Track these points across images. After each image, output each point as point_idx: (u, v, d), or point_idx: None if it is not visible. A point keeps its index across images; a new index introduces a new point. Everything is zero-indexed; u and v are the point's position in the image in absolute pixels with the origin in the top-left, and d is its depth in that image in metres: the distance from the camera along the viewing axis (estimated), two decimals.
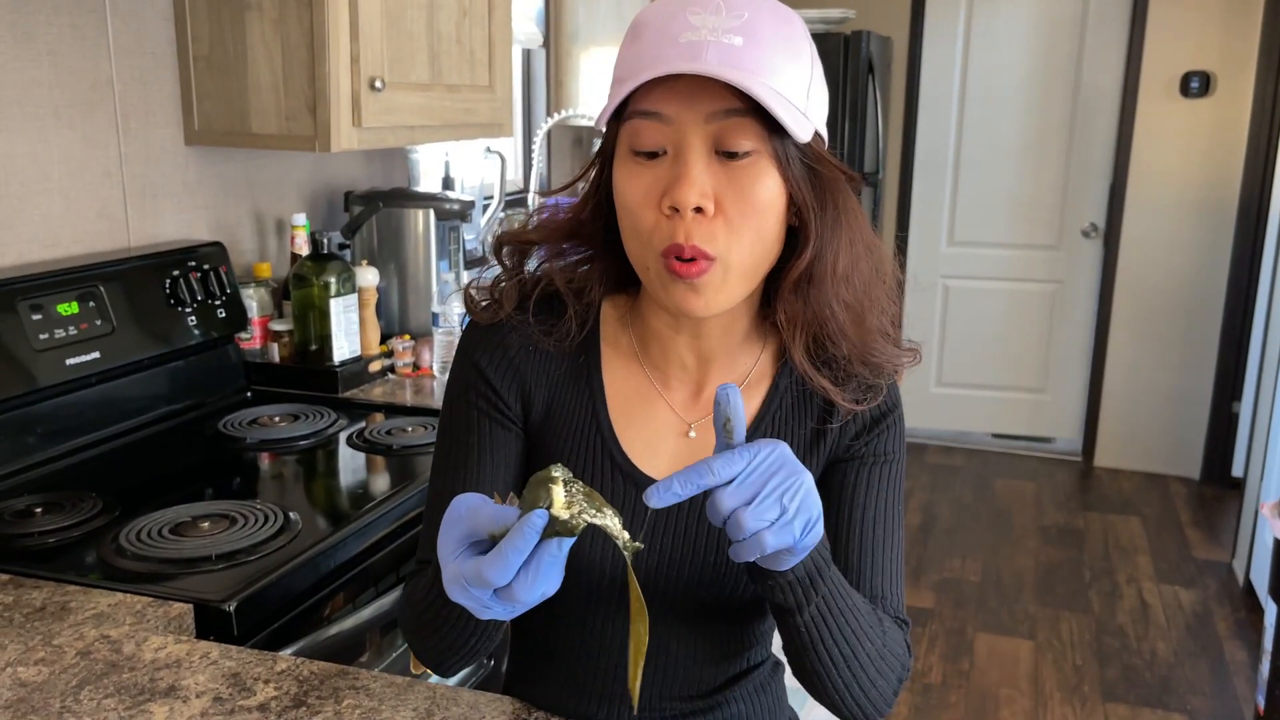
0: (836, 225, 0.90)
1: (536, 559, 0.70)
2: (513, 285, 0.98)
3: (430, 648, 0.93)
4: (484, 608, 0.73)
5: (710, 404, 0.97)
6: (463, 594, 0.72)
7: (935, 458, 4.78)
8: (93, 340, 1.64)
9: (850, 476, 0.97)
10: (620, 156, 0.88)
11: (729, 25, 0.82)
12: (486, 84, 2.23)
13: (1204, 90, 4.22)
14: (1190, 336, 4.44)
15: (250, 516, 1.38)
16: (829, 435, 0.97)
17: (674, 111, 0.84)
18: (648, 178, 0.85)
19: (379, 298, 2.20)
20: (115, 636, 1.08)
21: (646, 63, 0.83)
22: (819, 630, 0.84)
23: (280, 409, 1.86)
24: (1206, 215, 4.32)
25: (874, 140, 4.07)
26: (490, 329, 0.98)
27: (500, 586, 0.70)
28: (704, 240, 0.84)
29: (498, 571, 0.69)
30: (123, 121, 1.80)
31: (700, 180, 0.83)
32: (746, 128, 0.83)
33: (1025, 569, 3.66)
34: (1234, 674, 2.99)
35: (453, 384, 1.00)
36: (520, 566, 0.69)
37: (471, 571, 0.71)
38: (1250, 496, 3.53)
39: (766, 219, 0.86)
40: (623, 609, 0.96)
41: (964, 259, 4.78)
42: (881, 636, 0.90)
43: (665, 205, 0.84)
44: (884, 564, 0.96)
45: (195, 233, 1.97)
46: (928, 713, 2.79)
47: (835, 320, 0.92)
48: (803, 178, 0.87)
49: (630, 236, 0.89)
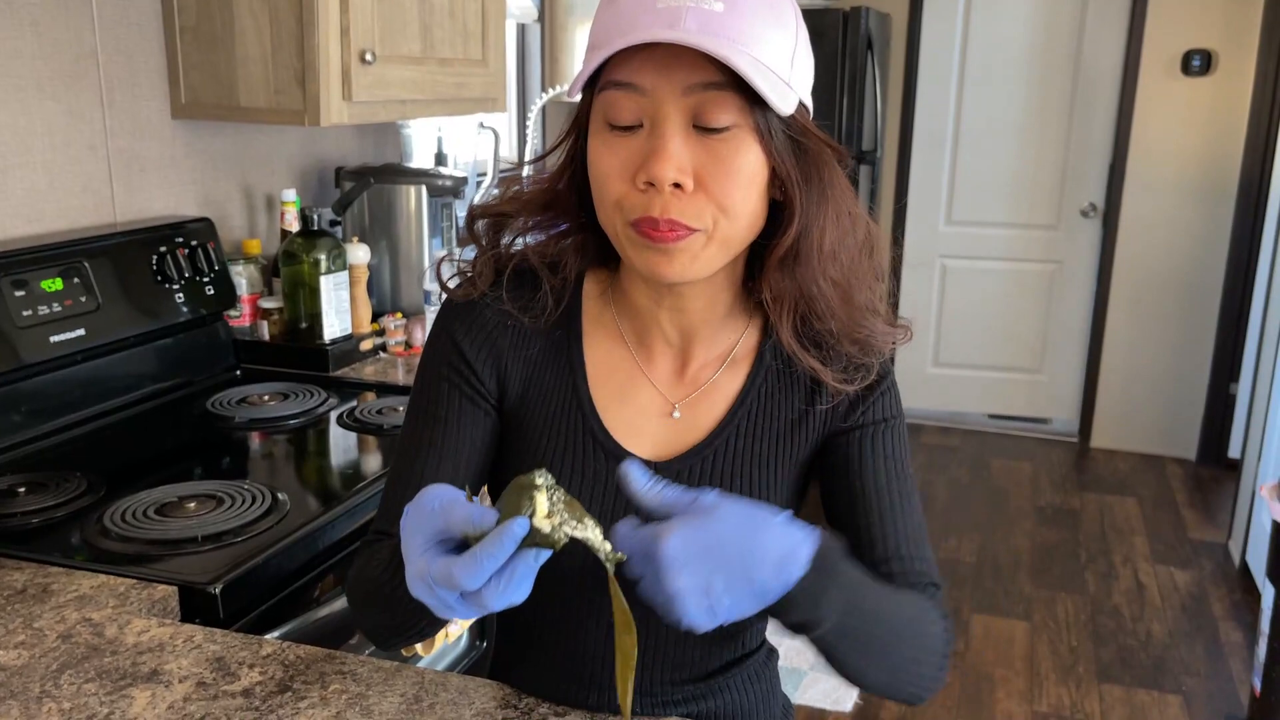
0: (823, 200, 0.87)
1: (511, 568, 0.67)
2: (487, 262, 0.95)
3: (378, 624, 0.90)
4: (446, 608, 0.70)
5: (694, 381, 0.95)
6: (426, 592, 0.70)
7: (932, 438, 4.76)
8: (77, 317, 1.61)
9: (854, 447, 0.94)
10: (595, 128, 0.85)
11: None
12: (480, 58, 2.20)
13: (1205, 69, 4.18)
14: (1188, 317, 4.42)
15: (237, 497, 1.35)
16: (818, 414, 0.94)
17: (650, 83, 0.80)
18: (623, 151, 0.82)
19: (370, 275, 2.17)
20: (97, 619, 1.06)
21: (623, 28, 0.79)
22: (842, 643, 0.79)
23: (270, 388, 1.84)
24: (1206, 195, 4.29)
25: (872, 118, 4.03)
26: (468, 305, 0.96)
27: (470, 592, 0.68)
28: (683, 215, 0.81)
29: (470, 577, 0.67)
30: (107, 94, 1.76)
31: (677, 155, 0.80)
32: (726, 101, 0.80)
33: (1021, 549, 3.65)
34: (1229, 655, 2.99)
35: (426, 356, 0.97)
36: (494, 574, 0.67)
37: (441, 572, 0.68)
38: (1247, 478, 3.52)
39: (746, 193, 0.83)
40: (605, 592, 0.94)
41: (962, 238, 4.75)
42: (916, 623, 0.85)
43: (640, 180, 0.81)
44: (904, 526, 0.92)
45: (183, 208, 1.94)
46: None
47: (823, 297, 0.89)
48: (786, 151, 0.84)
49: (599, 204, 0.86)
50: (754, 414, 0.94)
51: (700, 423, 0.94)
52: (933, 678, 0.87)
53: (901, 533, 0.92)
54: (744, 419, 0.94)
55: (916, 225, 4.76)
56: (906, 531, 0.92)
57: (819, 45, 3.79)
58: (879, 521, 0.92)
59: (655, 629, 0.95)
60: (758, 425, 0.94)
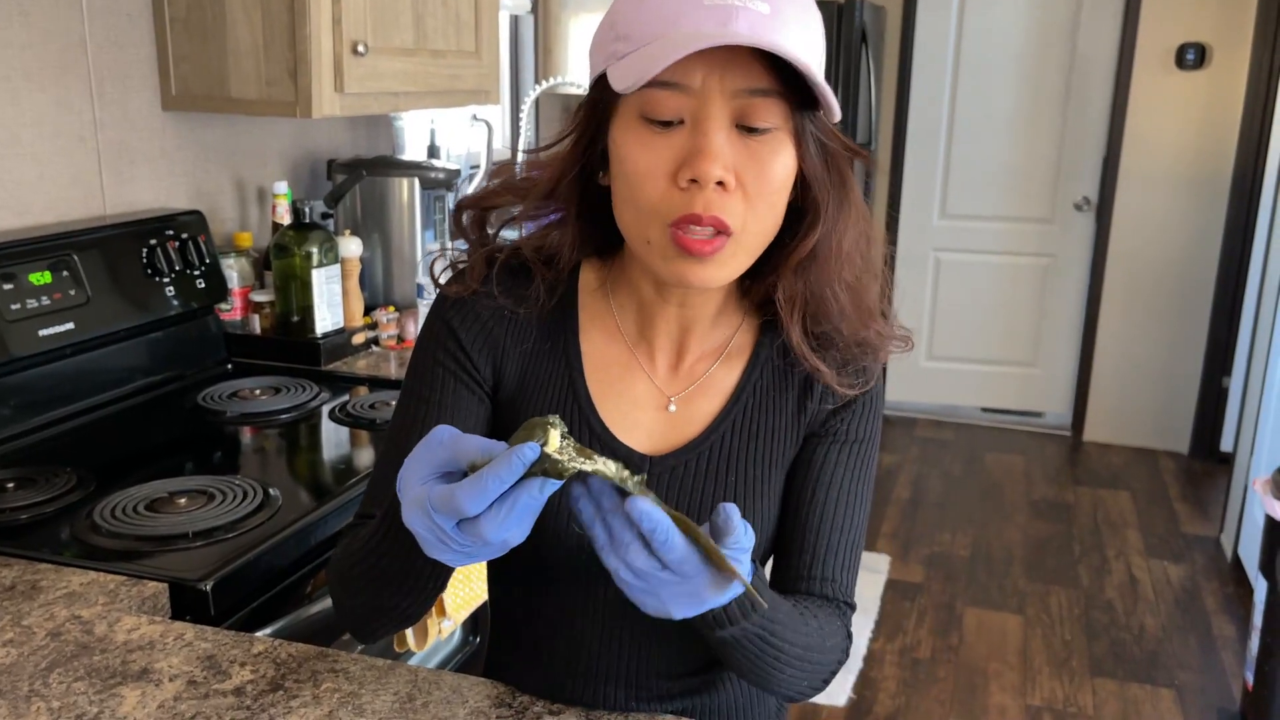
0: (844, 204, 0.87)
1: (514, 496, 0.66)
2: (479, 257, 0.94)
3: (359, 605, 0.88)
4: (440, 541, 0.68)
5: (690, 375, 0.95)
6: (422, 520, 0.68)
7: (925, 431, 4.76)
8: (66, 311, 1.59)
9: (819, 453, 0.94)
10: (626, 121, 0.83)
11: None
12: (473, 50, 2.18)
13: (1199, 62, 4.18)
14: (1181, 311, 4.43)
15: (229, 492, 1.34)
16: (809, 408, 0.94)
17: (698, 84, 0.79)
18: (661, 147, 0.81)
19: (362, 268, 2.16)
20: (87, 617, 1.05)
21: (667, 22, 0.78)
22: (747, 643, 0.81)
23: (261, 382, 1.82)
24: (1200, 189, 4.29)
25: (866, 111, 4.02)
26: (463, 297, 0.95)
27: (469, 517, 0.66)
28: (723, 211, 0.81)
29: (473, 498, 0.65)
30: (97, 85, 1.74)
31: (723, 154, 0.80)
32: (772, 105, 0.80)
33: (1014, 543, 3.65)
34: (1222, 649, 2.99)
35: (421, 343, 0.96)
36: (495, 501, 0.65)
37: (442, 495, 0.66)
38: (1239, 472, 3.53)
39: (778, 197, 0.84)
40: (601, 584, 0.93)
41: (956, 232, 4.74)
42: (814, 649, 0.87)
43: (684, 178, 0.80)
44: (839, 546, 0.93)
45: (173, 200, 1.92)
46: (917, 687, 2.78)
47: (836, 300, 0.89)
48: (817, 155, 0.85)
49: (627, 205, 0.84)
50: (749, 411, 0.94)
51: (695, 417, 0.94)
52: (813, 688, 0.90)
53: (834, 550, 0.93)
54: (739, 415, 0.94)
55: (910, 218, 4.76)
56: (840, 551, 0.93)
57: None
58: (814, 534, 0.93)
59: (648, 625, 0.95)
60: (752, 422, 0.94)
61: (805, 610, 0.89)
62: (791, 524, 0.94)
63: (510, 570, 0.98)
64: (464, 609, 1.56)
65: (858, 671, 2.83)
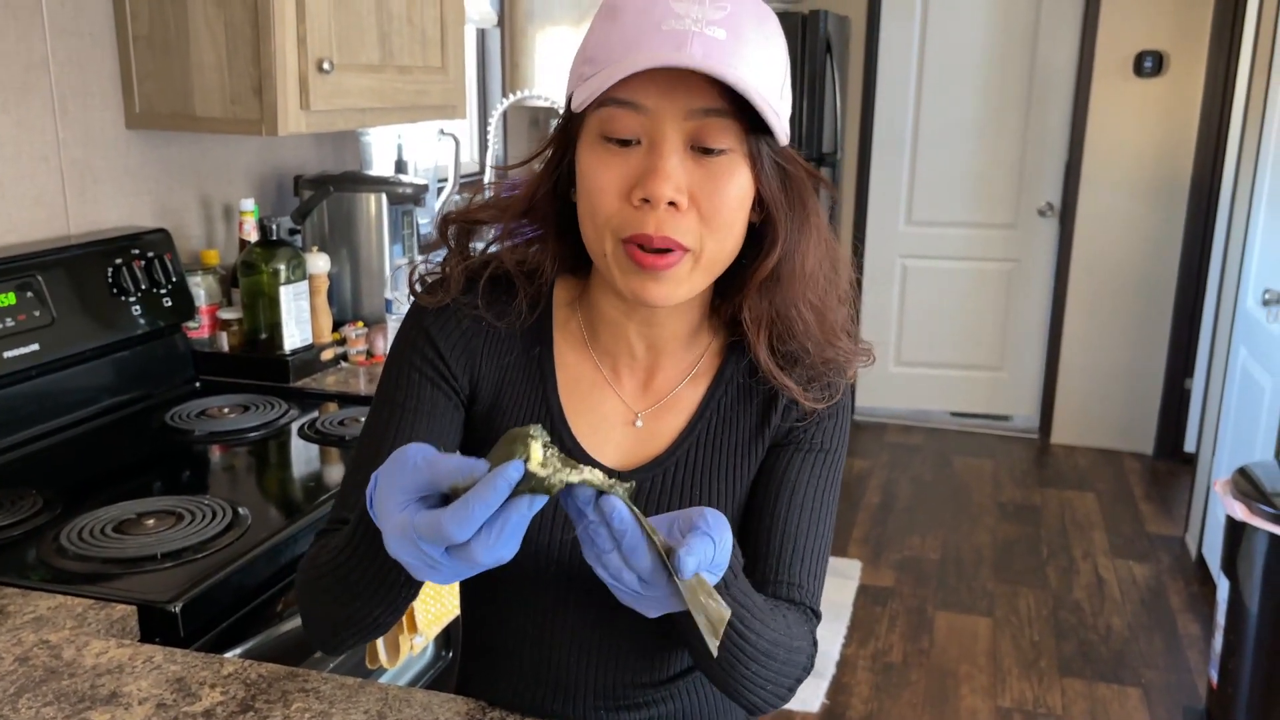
0: (805, 225, 0.89)
1: (503, 517, 0.65)
2: (459, 269, 0.95)
3: (328, 615, 0.87)
4: (429, 566, 0.67)
5: (658, 392, 0.96)
6: (409, 549, 0.67)
7: (895, 436, 4.80)
8: (31, 332, 1.59)
9: (784, 461, 0.96)
10: (588, 141, 0.86)
11: (712, 16, 0.80)
12: (439, 65, 2.19)
13: (1157, 70, 4.26)
14: (1144, 314, 4.50)
15: (197, 512, 1.34)
16: (773, 419, 0.96)
17: (653, 104, 0.82)
18: (618, 165, 0.83)
19: (331, 284, 2.16)
20: (55, 641, 1.05)
21: (628, 47, 0.80)
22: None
23: (230, 400, 1.82)
24: (1159, 194, 4.37)
25: (832, 120, 4.06)
26: (441, 307, 0.95)
27: (457, 544, 0.65)
28: (675, 232, 0.83)
29: (459, 526, 0.64)
30: (59, 104, 1.74)
31: (675, 174, 0.82)
32: (726, 127, 0.82)
33: (984, 546, 3.69)
34: (1187, 647, 3.04)
35: (397, 349, 0.96)
36: (484, 524, 0.64)
37: (427, 524, 0.65)
38: (1202, 471, 3.59)
39: (734, 218, 0.86)
40: (572, 596, 0.94)
41: (922, 238, 4.79)
42: (783, 647, 0.88)
43: (637, 196, 0.82)
44: (805, 554, 0.94)
45: (139, 219, 1.92)
46: (889, 691, 2.81)
47: (801, 319, 0.91)
48: (774, 177, 0.86)
49: (587, 220, 0.87)
50: (713, 426, 0.96)
51: (661, 433, 0.96)
52: (778, 695, 0.90)
53: (800, 557, 0.94)
54: (703, 431, 0.96)
55: (877, 225, 4.80)
56: (805, 558, 0.94)
57: None
58: (780, 541, 0.94)
59: (618, 636, 0.96)
60: (716, 437, 0.96)
61: (777, 610, 0.90)
62: (757, 531, 0.95)
63: (481, 585, 0.99)
64: (435, 624, 1.57)
65: (830, 677, 2.85)
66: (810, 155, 3.90)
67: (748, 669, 0.86)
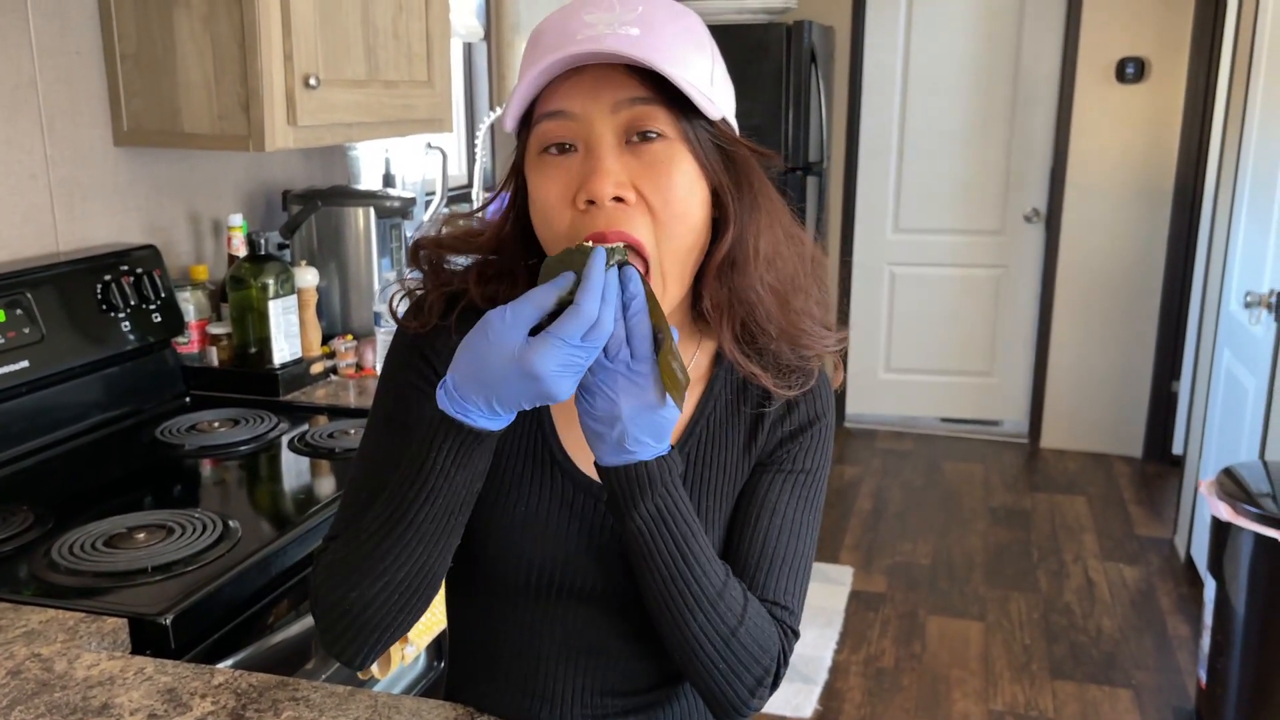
0: (755, 208, 0.90)
1: (609, 289, 0.78)
2: (438, 297, 0.96)
3: (370, 598, 0.86)
4: (568, 365, 0.77)
5: None
6: (553, 354, 0.77)
7: (885, 443, 4.82)
8: (21, 349, 1.60)
9: (767, 481, 0.96)
10: (531, 159, 0.87)
11: (624, 19, 0.82)
12: (425, 79, 2.21)
13: (1139, 76, 4.30)
14: (1130, 318, 4.53)
15: (188, 526, 1.35)
16: (760, 437, 0.97)
17: (579, 106, 0.83)
18: (559, 175, 0.85)
19: (320, 297, 2.17)
20: (47, 654, 1.06)
21: (548, 60, 0.82)
22: (653, 538, 0.85)
23: (220, 414, 1.83)
24: (1144, 199, 4.41)
25: (818, 130, 4.09)
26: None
27: (593, 323, 0.77)
28: (628, 226, 0.83)
29: (593, 300, 0.77)
30: (48, 122, 1.75)
31: (614, 170, 0.83)
32: (654, 113, 0.84)
33: (975, 550, 3.71)
34: (1177, 648, 3.06)
35: (391, 368, 0.97)
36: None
37: (567, 318, 0.77)
38: (1190, 474, 3.61)
39: (688, 204, 0.86)
40: (559, 607, 0.95)
41: (909, 246, 4.82)
42: (739, 596, 0.89)
43: (581, 199, 0.83)
44: (785, 573, 0.95)
45: (127, 236, 1.93)
46: (881, 696, 2.82)
47: (761, 304, 0.91)
48: (716, 160, 0.87)
49: (544, 236, 0.88)
50: (703, 443, 0.96)
51: None
52: (741, 694, 0.90)
53: (780, 577, 0.95)
54: (693, 448, 0.96)
55: (864, 234, 4.83)
56: (785, 578, 0.95)
57: (763, 59, 3.85)
58: (759, 559, 0.95)
59: (602, 642, 0.97)
60: (705, 454, 0.96)
61: (730, 574, 0.90)
62: (737, 549, 0.96)
63: (469, 593, 1.00)
64: (426, 634, 1.58)
65: (823, 683, 2.86)
66: (796, 165, 3.92)
67: (694, 617, 0.86)
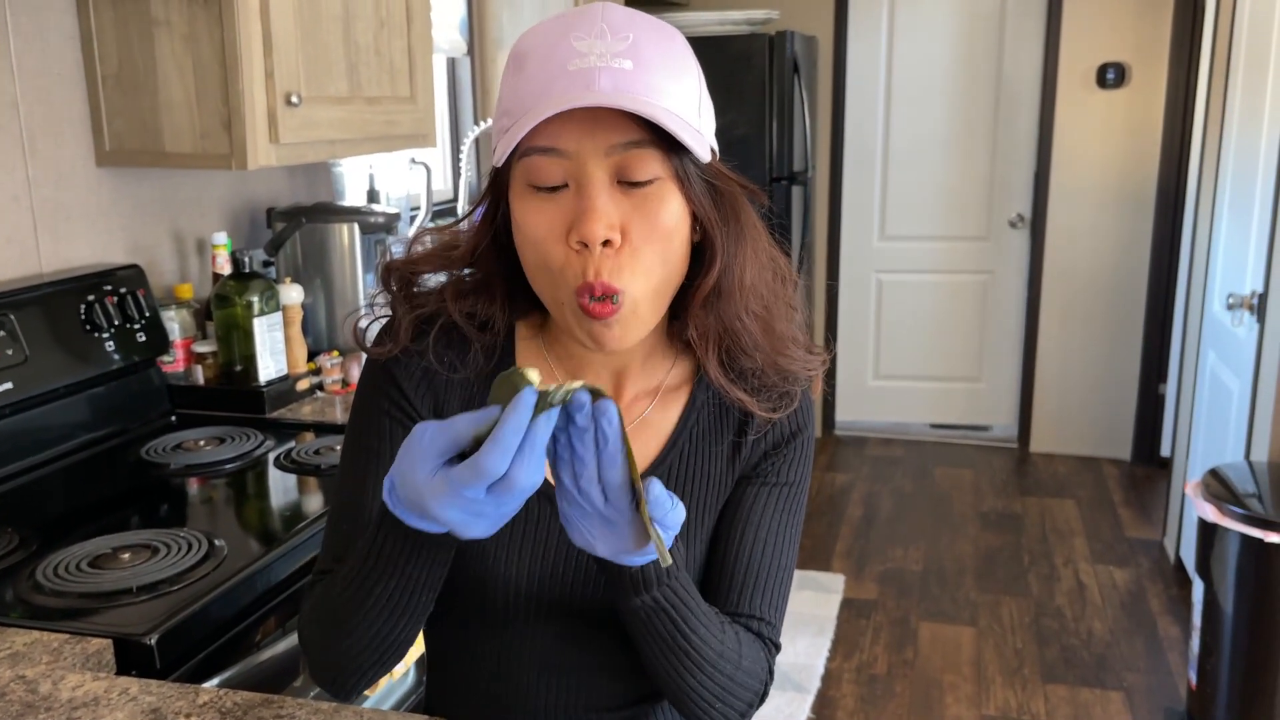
0: (740, 239, 0.90)
1: (530, 438, 0.70)
2: (409, 321, 0.95)
3: (349, 648, 0.86)
4: (475, 515, 0.72)
5: (626, 417, 0.96)
6: (453, 503, 0.71)
7: (875, 449, 4.83)
8: (5, 370, 1.59)
9: (749, 496, 0.97)
10: (518, 191, 0.86)
11: (616, 49, 0.81)
12: (408, 95, 2.21)
13: (1120, 81, 4.33)
14: (1117, 321, 4.55)
15: (173, 545, 1.35)
16: (743, 450, 0.97)
17: (573, 146, 0.82)
18: (551, 211, 0.84)
19: (305, 314, 2.17)
20: (31, 676, 1.05)
21: (538, 94, 0.81)
22: (650, 620, 0.84)
23: (205, 432, 1.83)
24: (1127, 203, 4.43)
25: (802, 139, 4.11)
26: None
27: (499, 479, 0.70)
28: (612, 275, 0.83)
29: (499, 457, 0.69)
30: (29, 144, 1.75)
31: (606, 213, 0.82)
32: (648, 156, 0.83)
33: (966, 555, 3.72)
34: (1168, 650, 3.07)
35: (364, 395, 0.97)
36: (516, 450, 0.70)
37: (468, 468, 0.70)
38: (1178, 475, 3.63)
39: (672, 243, 0.86)
40: (536, 623, 0.95)
41: (896, 253, 4.84)
42: (734, 646, 0.89)
43: (573, 240, 0.83)
44: (767, 586, 0.95)
45: (111, 255, 1.93)
46: (874, 703, 2.82)
47: (747, 331, 0.92)
48: (704, 195, 0.87)
49: (539, 272, 0.86)
50: (685, 455, 0.97)
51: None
52: (740, 713, 0.92)
53: (761, 590, 0.95)
54: (675, 460, 0.97)
55: (851, 241, 4.85)
56: (768, 591, 0.96)
57: (746, 69, 3.86)
58: (742, 573, 0.95)
59: (579, 658, 0.97)
60: (689, 466, 0.96)
61: (727, 624, 0.91)
62: (720, 563, 0.96)
63: (447, 614, 0.99)
64: (416, 649, 1.57)
65: (815, 691, 2.86)
66: (781, 174, 3.94)
67: (694, 678, 0.86)
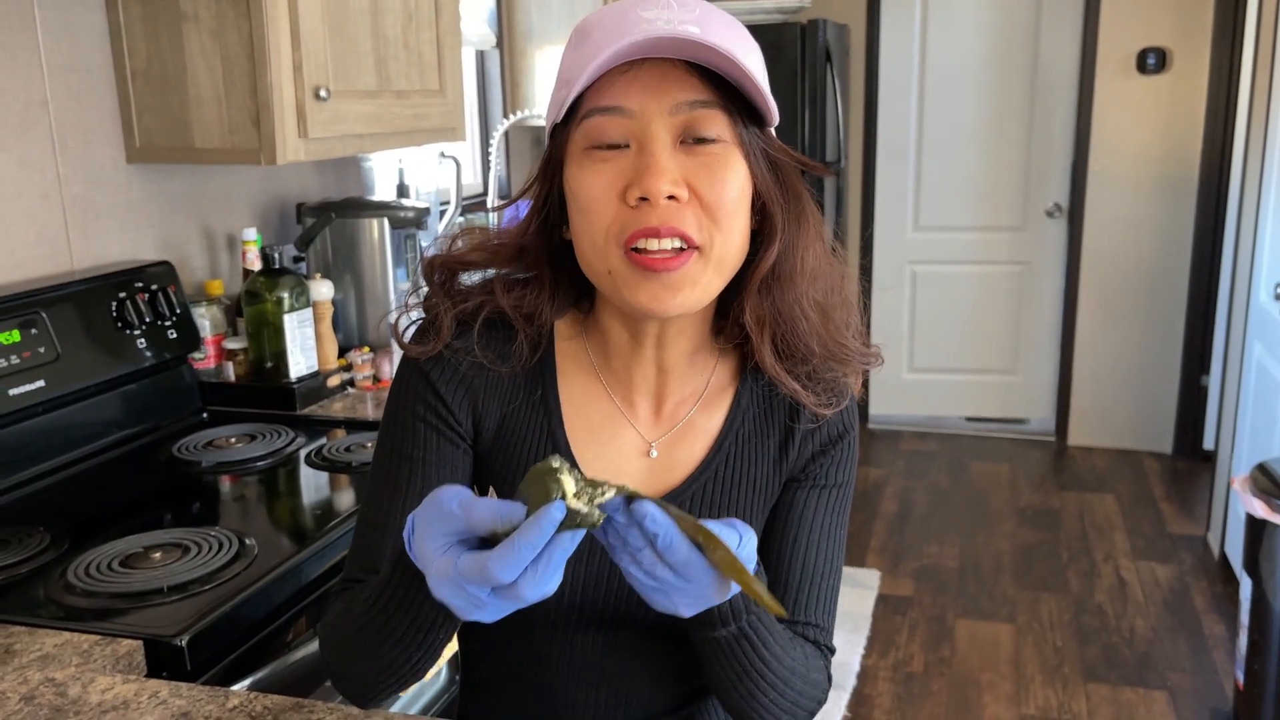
0: (802, 219, 0.88)
1: (548, 554, 0.65)
2: (450, 314, 0.92)
3: (363, 672, 0.85)
4: (475, 606, 0.68)
5: (670, 419, 0.94)
6: (454, 591, 0.67)
7: (910, 444, 4.78)
8: (36, 369, 1.59)
9: (799, 499, 0.94)
10: (574, 157, 0.84)
11: (683, 17, 0.79)
12: (437, 88, 2.19)
13: (1160, 66, 4.24)
14: (1157, 312, 4.46)
15: (204, 544, 1.34)
16: (790, 452, 0.94)
17: (637, 104, 0.80)
18: (609, 171, 0.81)
19: (336, 310, 2.16)
20: (60, 679, 1.04)
21: (603, 56, 0.79)
22: (729, 649, 0.81)
23: (236, 429, 1.82)
24: (1168, 191, 4.34)
25: (835, 129, 4.05)
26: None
27: (502, 586, 0.65)
28: (681, 223, 0.80)
29: (507, 567, 0.64)
30: (59, 141, 1.75)
31: (670, 168, 0.80)
32: (714, 117, 0.81)
33: (1003, 552, 3.66)
34: (1213, 648, 3.00)
35: (397, 398, 0.94)
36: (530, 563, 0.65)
37: (473, 567, 0.65)
38: (1221, 469, 3.55)
39: (739, 206, 0.83)
40: (573, 626, 0.93)
41: (930, 244, 4.78)
42: (802, 659, 0.88)
43: (633, 196, 0.80)
44: (820, 592, 0.94)
45: (141, 252, 1.92)
46: (910, 702, 2.78)
47: (805, 318, 0.89)
48: (767, 170, 0.85)
49: (584, 237, 0.84)
50: (731, 458, 0.94)
51: (678, 464, 0.93)
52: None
53: (814, 595, 0.93)
54: (722, 463, 0.94)
55: (884, 233, 4.79)
56: (820, 596, 0.94)
57: (778, 59, 3.81)
58: (794, 579, 0.93)
59: (617, 662, 0.95)
60: (735, 470, 0.94)
61: (795, 639, 0.89)
62: (773, 570, 0.94)
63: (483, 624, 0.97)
64: (449, 649, 1.56)
65: (851, 689, 2.83)
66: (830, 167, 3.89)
67: (766, 696, 0.84)
